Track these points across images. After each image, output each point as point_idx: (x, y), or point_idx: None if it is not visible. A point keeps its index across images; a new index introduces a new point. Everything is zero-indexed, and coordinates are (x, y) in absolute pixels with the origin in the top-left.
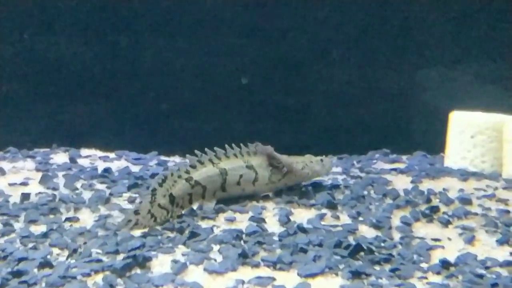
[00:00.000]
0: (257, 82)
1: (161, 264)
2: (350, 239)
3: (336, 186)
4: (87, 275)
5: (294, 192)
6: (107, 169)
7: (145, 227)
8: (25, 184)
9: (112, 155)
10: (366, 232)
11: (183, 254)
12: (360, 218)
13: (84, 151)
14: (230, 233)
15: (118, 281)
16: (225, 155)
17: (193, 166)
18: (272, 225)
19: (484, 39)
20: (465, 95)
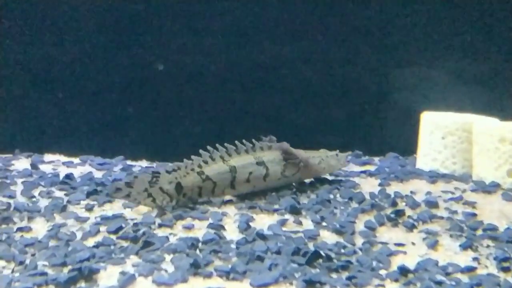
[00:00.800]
0: (227, 83)
1: (109, 276)
2: (310, 245)
3: (302, 190)
4: None
5: (259, 197)
6: (69, 175)
7: (140, 203)
8: None
9: (76, 160)
10: (328, 237)
11: (133, 265)
12: (324, 223)
13: (48, 157)
14: (185, 241)
15: None
16: (236, 152)
17: (205, 161)
18: (231, 232)
19: (456, 39)
20: (439, 95)
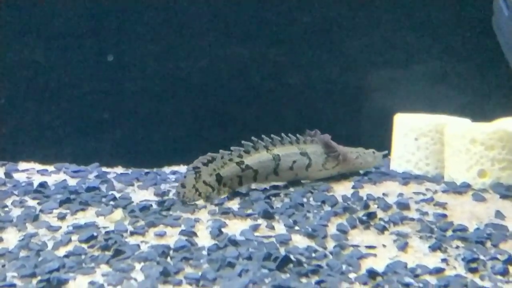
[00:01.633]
0: (194, 88)
1: (77, 287)
2: (281, 250)
3: (276, 194)
4: None
5: (233, 202)
6: (43, 184)
7: (194, 200)
8: None
9: (51, 168)
10: (300, 242)
11: (103, 275)
12: (296, 228)
13: (22, 165)
14: (156, 249)
15: None
16: (280, 142)
17: (247, 151)
18: (203, 238)
19: (429, 40)
20: (414, 97)
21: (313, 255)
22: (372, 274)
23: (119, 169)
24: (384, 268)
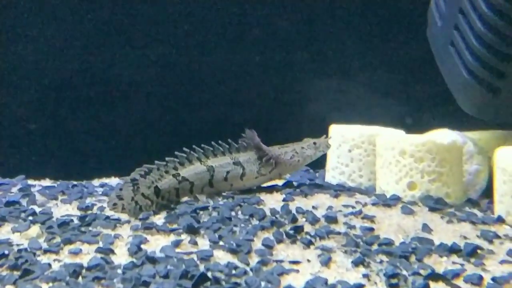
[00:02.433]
0: (126, 97)
1: None
2: (201, 267)
3: (204, 207)
4: None
5: (158, 216)
6: None
7: (133, 213)
8: None
9: None
10: (222, 258)
11: None
12: (221, 243)
13: None
14: (68, 268)
15: None
16: (212, 153)
17: (181, 163)
18: (121, 255)
19: (367, 52)
20: (351, 107)
21: (233, 272)
22: None
23: (46, 182)
24: (304, 284)
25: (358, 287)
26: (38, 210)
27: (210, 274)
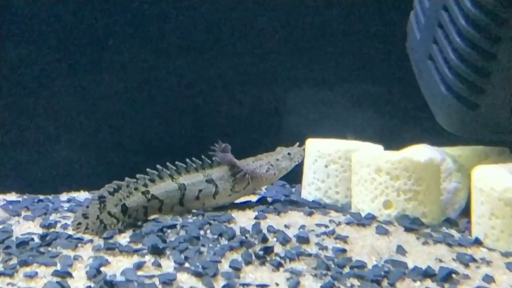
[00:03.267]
0: (100, 107)
1: None
2: None
3: (172, 225)
4: None
5: (124, 235)
6: None
7: (96, 233)
8: None
9: None
10: (186, 282)
11: None
12: (186, 265)
13: None
14: None
15: None
16: (185, 170)
17: (152, 180)
18: (79, 279)
19: (346, 64)
20: (330, 120)
21: None
22: None
23: (12, 196)
24: None
25: None
26: None
27: None
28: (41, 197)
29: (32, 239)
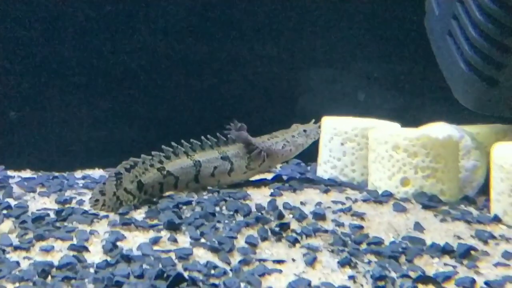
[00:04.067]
0: (113, 86)
1: None
2: (179, 267)
3: (188, 202)
4: None
5: (139, 211)
6: None
7: (112, 209)
8: None
9: None
10: (202, 256)
11: None
12: (202, 240)
13: None
14: (36, 267)
15: None
16: (200, 147)
17: (167, 157)
18: (95, 253)
19: (363, 42)
20: (346, 98)
21: (212, 272)
22: None
23: (27, 173)
24: (286, 286)
25: None
26: (13, 203)
27: (187, 275)
28: (56, 174)
29: (48, 215)
